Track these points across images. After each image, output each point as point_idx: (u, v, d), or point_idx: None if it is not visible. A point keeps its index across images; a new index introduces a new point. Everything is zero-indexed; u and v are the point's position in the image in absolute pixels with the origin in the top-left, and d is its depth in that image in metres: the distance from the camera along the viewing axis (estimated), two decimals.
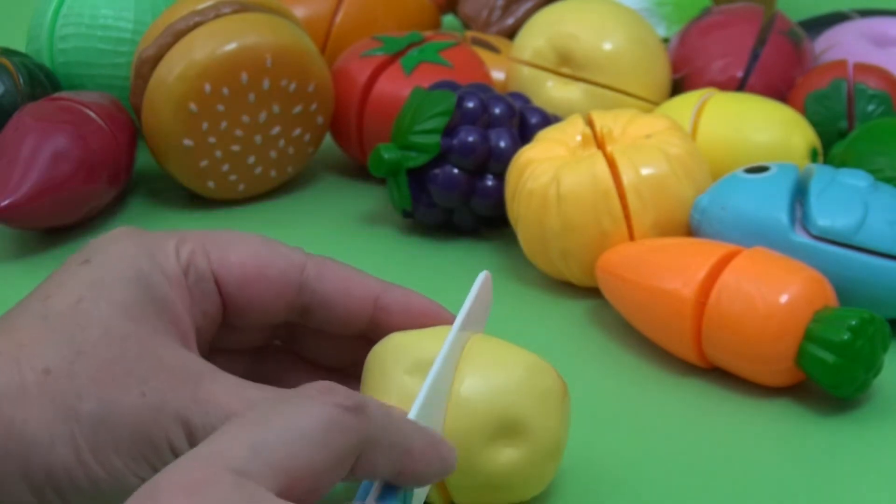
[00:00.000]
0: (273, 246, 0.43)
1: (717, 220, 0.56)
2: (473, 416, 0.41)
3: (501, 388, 0.42)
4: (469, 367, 0.42)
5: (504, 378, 0.42)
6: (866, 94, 0.66)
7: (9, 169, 0.62)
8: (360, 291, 0.44)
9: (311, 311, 0.44)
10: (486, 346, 0.44)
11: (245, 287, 0.42)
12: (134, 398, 0.37)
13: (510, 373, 0.42)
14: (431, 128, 0.62)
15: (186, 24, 0.65)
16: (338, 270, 0.44)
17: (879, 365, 0.51)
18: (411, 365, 0.42)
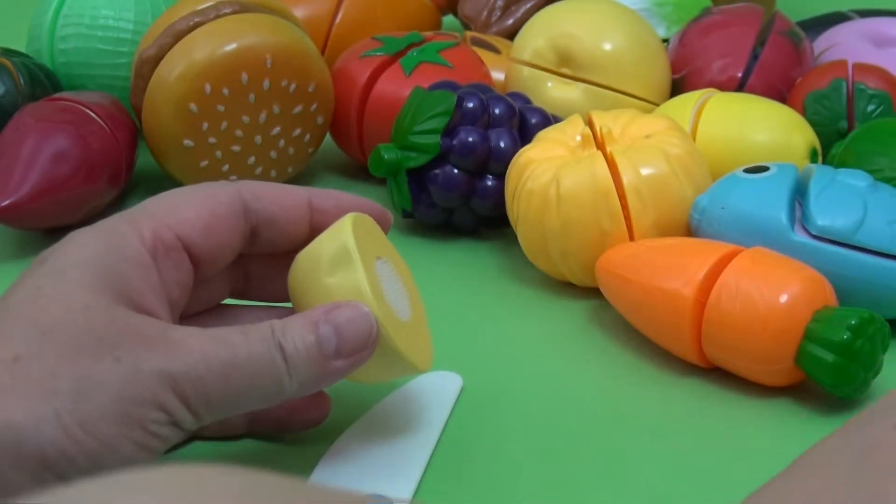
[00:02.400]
0: (209, 188, 0.44)
1: (717, 220, 0.56)
2: None
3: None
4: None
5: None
6: (866, 94, 0.66)
7: (9, 169, 0.62)
8: (293, 199, 0.45)
9: (258, 232, 0.45)
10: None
11: (207, 236, 0.43)
12: (109, 365, 0.38)
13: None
14: (431, 128, 0.62)
15: (186, 24, 0.65)
16: (267, 187, 0.45)
17: (879, 365, 0.51)
18: (328, 266, 0.43)
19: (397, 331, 0.43)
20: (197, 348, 0.39)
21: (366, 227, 0.44)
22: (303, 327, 0.40)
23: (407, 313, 0.44)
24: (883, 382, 0.52)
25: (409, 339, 0.44)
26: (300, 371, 0.40)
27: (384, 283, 0.43)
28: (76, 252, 0.41)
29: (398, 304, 0.44)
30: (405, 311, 0.44)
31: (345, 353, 0.41)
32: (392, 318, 0.43)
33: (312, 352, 0.40)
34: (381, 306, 0.42)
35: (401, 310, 0.44)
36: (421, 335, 0.45)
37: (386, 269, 0.44)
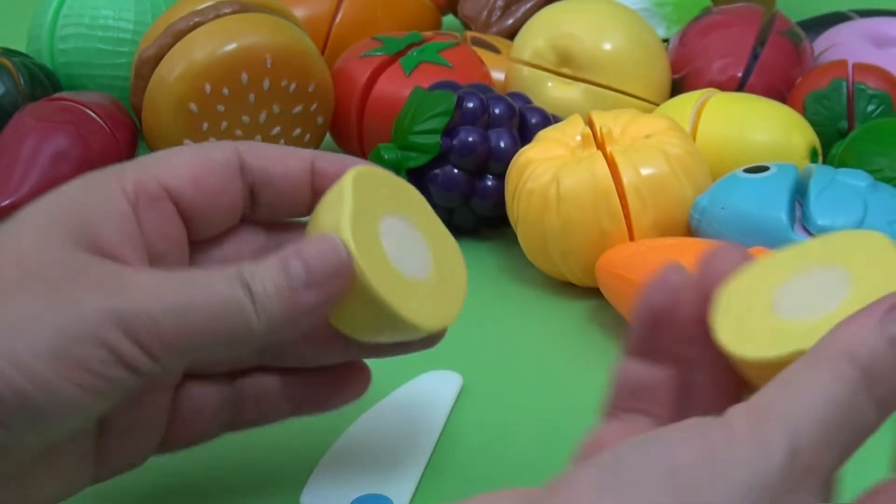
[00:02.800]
0: (206, 144, 0.43)
1: (717, 220, 0.56)
2: None
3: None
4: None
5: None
6: (866, 94, 0.66)
7: (9, 169, 0.62)
8: (294, 160, 0.43)
9: (257, 193, 0.43)
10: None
11: (197, 187, 0.41)
12: (49, 302, 0.36)
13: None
14: (431, 128, 0.62)
15: (186, 24, 0.65)
16: (267, 147, 0.43)
17: None
18: (321, 210, 0.41)
19: (390, 282, 0.39)
20: (151, 286, 0.37)
21: (381, 182, 0.41)
22: (271, 265, 0.38)
23: (422, 272, 0.41)
24: None
25: (411, 294, 0.40)
26: (269, 309, 0.37)
27: (389, 237, 0.40)
28: (48, 199, 0.39)
29: (408, 259, 0.41)
30: (418, 268, 0.41)
31: (315, 283, 0.38)
32: (383, 267, 0.40)
33: (281, 285, 0.38)
34: (367, 249, 0.39)
35: (410, 266, 0.41)
36: (439, 299, 0.42)
37: (401, 224, 0.41)
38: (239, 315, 0.37)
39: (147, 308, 0.36)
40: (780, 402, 0.28)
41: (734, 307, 0.34)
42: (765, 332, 0.32)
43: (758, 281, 0.34)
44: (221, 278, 0.37)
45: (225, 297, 0.37)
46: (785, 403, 0.28)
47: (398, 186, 0.42)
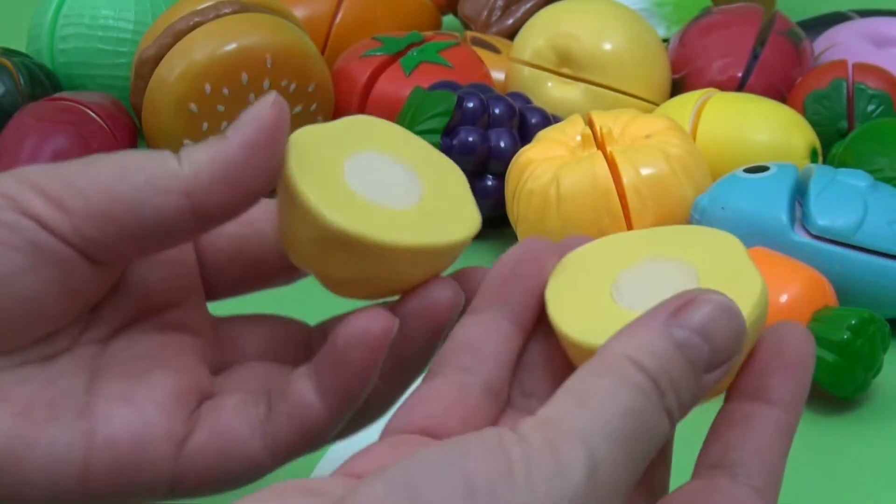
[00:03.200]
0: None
1: (717, 220, 0.56)
2: None
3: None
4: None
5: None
6: (866, 94, 0.66)
7: (9, 169, 0.62)
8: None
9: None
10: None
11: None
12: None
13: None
14: (431, 128, 0.62)
15: (186, 24, 0.65)
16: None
17: (879, 365, 0.51)
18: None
19: (356, 211, 0.34)
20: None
21: (355, 125, 0.37)
22: (204, 142, 0.34)
23: (407, 200, 0.35)
24: (883, 382, 0.52)
25: (393, 222, 0.34)
26: (193, 158, 0.33)
27: (358, 170, 0.35)
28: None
29: (384, 189, 0.35)
30: (402, 197, 0.35)
31: (239, 132, 0.33)
32: (337, 193, 0.34)
33: (210, 147, 0.33)
34: (310, 169, 0.34)
35: (386, 195, 0.35)
36: (431, 223, 0.35)
37: (379, 159, 0.36)
38: (160, 160, 0.33)
39: (59, 167, 0.33)
40: (573, 417, 0.27)
41: (574, 283, 0.33)
42: (597, 315, 0.32)
43: (603, 260, 0.34)
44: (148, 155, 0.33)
45: (145, 153, 0.33)
46: (578, 418, 0.27)
47: (382, 127, 0.37)
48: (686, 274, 0.32)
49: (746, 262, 0.32)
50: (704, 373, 0.29)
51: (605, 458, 0.26)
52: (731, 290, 0.29)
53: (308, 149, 0.34)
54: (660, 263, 0.33)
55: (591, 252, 0.34)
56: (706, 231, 0.34)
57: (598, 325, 0.31)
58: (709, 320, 0.28)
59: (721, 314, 0.29)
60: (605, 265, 0.33)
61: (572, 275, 0.33)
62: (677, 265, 0.33)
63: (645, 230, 0.35)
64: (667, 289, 0.31)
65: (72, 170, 0.33)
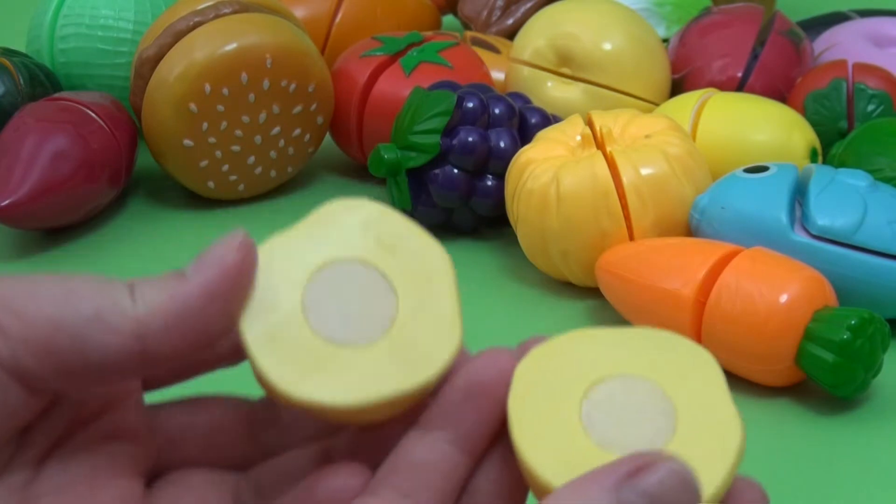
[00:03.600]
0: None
1: (717, 220, 0.56)
2: None
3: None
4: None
5: None
6: (866, 94, 0.66)
7: (9, 169, 0.62)
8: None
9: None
10: None
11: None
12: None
13: None
14: (431, 128, 0.62)
15: (186, 24, 0.65)
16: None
17: (879, 365, 0.51)
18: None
19: (311, 364, 0.31)
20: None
21: (342, 217, 0.33)
22: (158, 278, 0.31)
23: (376, 329, 0.32)
24: (882, 382, 0.52)
25: (353, 372, 0.31)
26: (147, 295, 0.30)
27: (328, 290, 0.32)
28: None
29: (350, 320, 0.32)
30: (365, 329, 0.32)
31: (198, 270, 0.31)
32: (302, 348, 0.31)
33: (162, 283, 0.31)
34: (273, 336, 0.31)
35: (351, 326, 0.32)
36: (388, 365, 0.31)
37: (360, 271, 0.32)
38: (111, 292, 0.30)
39: (4, 282, 0.30)
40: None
41: (539, 402, 0.30)
42: (566, 451, 0.29)
43: (570, 370, 0.31)
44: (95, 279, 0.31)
45: (96, 281, 0.30)
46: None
47: (355, 216, 0.33)
48: (662, 407, 0.30)
49: (724, 395, 0.30)
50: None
51: None
52: (709, 439, 0.29)
53: (271, 271, 0.32)
54: (632, 385, 0.31)
55: (556, 357, 0.31)
56: (679, 343, 0.31)
57: (567, 465, 0.29)
58: (661, 489, 0.27)
59: (675, 484, 0.27)
60: (571, 378, 0.31)
61: (536, 389, 0.31)
62: (652, 392, 0.31)
63: (612, 329, 0.32)
64: (642, 426, 0.30)
65: (17, 288, 0.30)
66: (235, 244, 0.31)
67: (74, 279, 0.30)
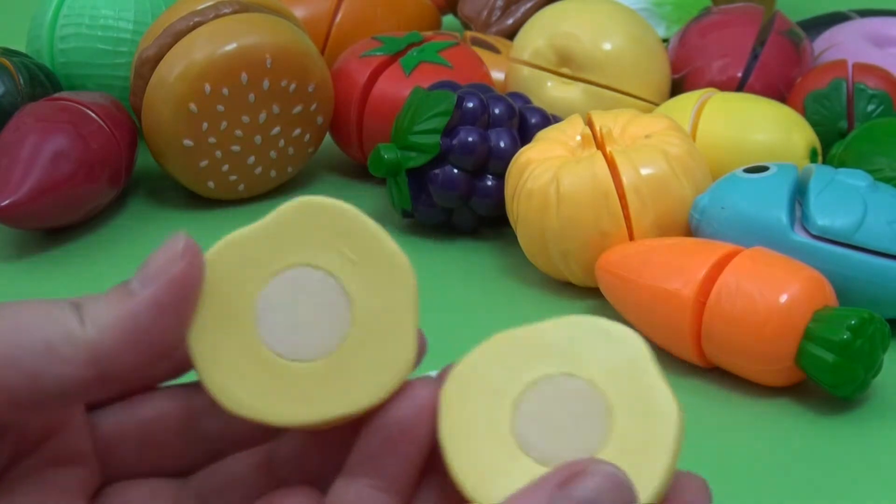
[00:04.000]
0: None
1: (717, 220, 0.56)
2: None
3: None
4: None
5: None
6: (866, 94, 0.66)
7: (9, 169, 0.62)
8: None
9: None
10: None
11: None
12: None
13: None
14: (431, 128, 0.62)
15: (186, 24, 0.65)
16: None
17: (879, 365, 0.51)
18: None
19: (257, 377, 0.30)
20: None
21: (301, 221, 0.31)
22: (107, 294, 0.31)
23: (327, 343, 0.31)
24: (882, 382, 0.52)
25: (297, 389, 0.30)
26: (99, 316, 0.30)
27: (280, 300, 0.31)
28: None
29: (301, 333, 0.31)
30: (320, 341, 0.31)
31: (148, 280, 0.30)
32: (248, 362, 0.30)
33: (117, 302, 0.30)
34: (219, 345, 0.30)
35: (307, 341, 0.31)
36: (332, 384, 0.30)
37: (314, 279, 0.31)
38: (59, 320, 0.29)
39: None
40: None
41: (471, 421, 0.29)
42: (504, 475, 0.29)
43: (498, 379, 0.30)
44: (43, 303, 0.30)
45: (42, 308, 0.30)
46: None
47: (320, 219, 0.31)
48: (595, 406, 0.29)
49: (657, 380, 0.29)
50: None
51: None
52: (646, 433, 0.28)
53: (223, 277, 0.31)
54: (561, 386, 0.30)
55: (478, 372, 0.30)
56: (602, 328, 0.30)
57: (505, 486, 0.29)
58: (596, 494, 0.27)
59: (610, 488, 0.27)
60: (497, 393, 0.30)
61: (464, 412, 0.30)
62: (582, 391, 0.30)
63: (529, 328, 0.31)
64: (576, 431, 0.29)
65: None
66: (179, 251, 0.30)
67: (22, 311, 0.29)
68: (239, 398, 0.30)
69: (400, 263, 0.31)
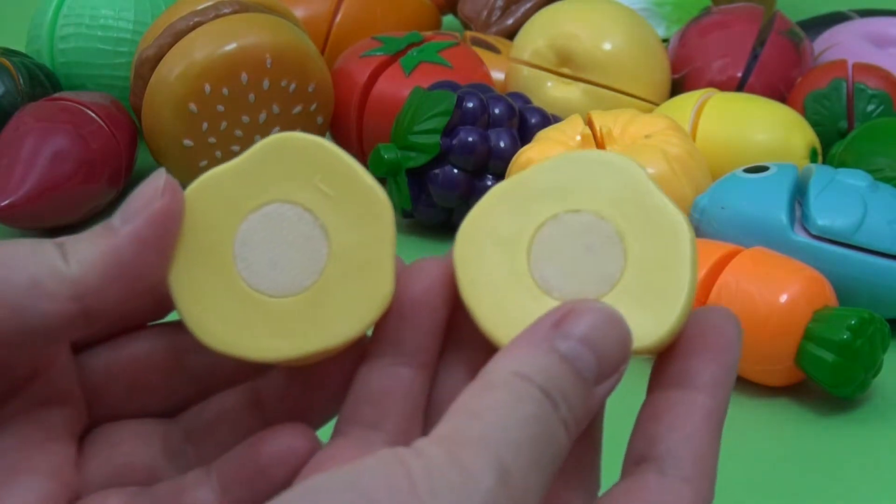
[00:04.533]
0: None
1: (717, 220, 0.56)
2: None
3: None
4: None
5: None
6: (866, 94, 0.66)
7: (9, 169, 0.62)
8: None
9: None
10: None
11: None
12: None
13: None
14: (431, 128, 0.62)
15: (186, 24, 0.65)
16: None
17: (879, 364, 0.51)
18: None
19: (234, 313, 0.31)
20: None
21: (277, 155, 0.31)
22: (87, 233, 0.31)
23: (304, 278, 0.31)
24: (882, 382, 0.52)
25: (275, 324, 0.31)
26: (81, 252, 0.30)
27: (256, 236, 0.31)
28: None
29: (279, 269, 0.31)
30: (291, 279, 0.31)
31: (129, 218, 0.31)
32: (225, 297, 0.31)
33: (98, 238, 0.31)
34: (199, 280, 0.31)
35: (275, 277, 0.31)
36: (310, 318, 0.31)
37: (290, 214, 0.31)
38: (44, 256, 0.30)
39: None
40: (471, 428, 0.25)
41: (487, 279, 0.30)
42: (528, 316, 0.29)
43: (513, 220, 0.30)
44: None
45: (27, 246, 0.30)
46: (477, 428, 0.25)
47: (299, 155, 0.31)
48: (605, 235, 0.30)
49: (660, 198, 0.30)
50: (595, 385, 0.28)
51: (513, 463, 0.25)
52: (660, 248, 0.29)
53: (201, 214, 0.31)
54: (570, 222, 0.30)
55: (487, 221, 0.31)
56: (594, 158, 0.30)
57: (521, 324, 0.29)
58: (592, 329, 0.27)
59: (604, 323, 0.27)
60: (510, 237, 0.30)
61: (482, 261, 0.30)
62: (590, 223, 0.30)
63: (523, 174, 0.31)
64: (593, 264, 0.29)
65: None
66: (160, 189, 0.31)
67: (6, 249, 0.30)
68: (218, 334, 0.30)
69: (376, 197, 0.31)
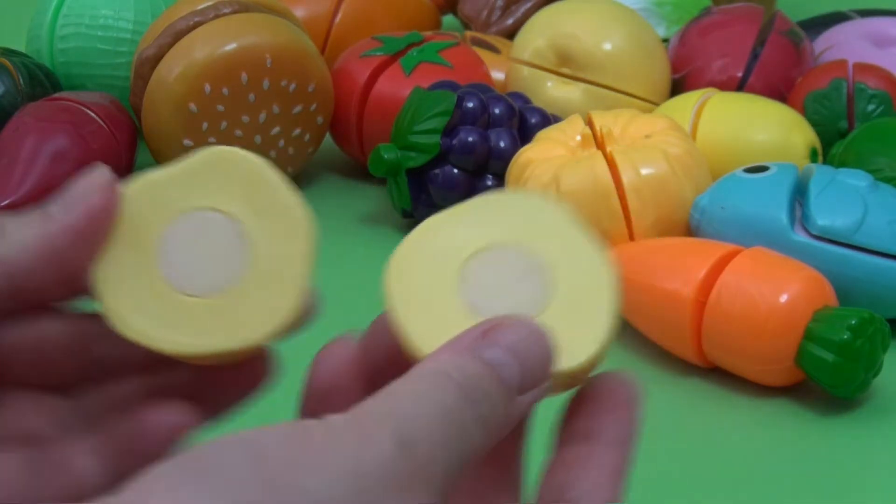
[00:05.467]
0: None
1: (717, 220, 0.56)
2: None
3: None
4: None
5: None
6: (866, 94, 0.66)
7: (9, 169, 0.62)
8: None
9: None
10: None
11: None
12: None
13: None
14: (431, 128, 0.62)
15: (186, 24, 0.65)
16: None
17: (879, 365, 0.51)
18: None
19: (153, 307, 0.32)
20: None
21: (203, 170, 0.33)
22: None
23: (222, 282, 0.33)
24: (882, 382, 0.52)
25: (192, 321, 0.32)
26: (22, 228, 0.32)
27: (177, 245, 0.33)
28: None
29: (200, 271, 0.33)
30: (217, 279, 0.33)
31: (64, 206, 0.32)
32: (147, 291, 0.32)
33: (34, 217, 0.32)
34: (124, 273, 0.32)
35: (204, 279, 0.33)
36: (230, 315, 0.33)
37: (207, 221, 0.33)
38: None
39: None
40: (382, 403, 0.27)
41: (421, 303, 0.31)
42: (452, 330, 0.30)
43: (440, 252, 0.33)
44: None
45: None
46: (387, 404, 0.27)
47: (230, 168, 0.33)
48: (532, 265, 0.32)
49: (597, 254, 0.33)
50: (518, 394, 0.28)
51: (418, 438, 0.26)
52: (587, 301, 0.32)
53: (134, 212, 0.33)
54: (507, 252, 0.32)
55: (427, 241, 0.33)
56: (520, 201, 0.33)
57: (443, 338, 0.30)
58: (518, 340, 0.29)
59: (530, 335, 0.29)
60: (441, 264, 0.32)
61: (412, 282, 0.32)
62: (524, 257, 0.32)
63: (453, 209, 0.33)
64: (519, 298, 0.31)
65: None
66: (99, 184, 0.32)
67: None
68: (133, 324, 0.32)
69: (298, 216, 0.33)
